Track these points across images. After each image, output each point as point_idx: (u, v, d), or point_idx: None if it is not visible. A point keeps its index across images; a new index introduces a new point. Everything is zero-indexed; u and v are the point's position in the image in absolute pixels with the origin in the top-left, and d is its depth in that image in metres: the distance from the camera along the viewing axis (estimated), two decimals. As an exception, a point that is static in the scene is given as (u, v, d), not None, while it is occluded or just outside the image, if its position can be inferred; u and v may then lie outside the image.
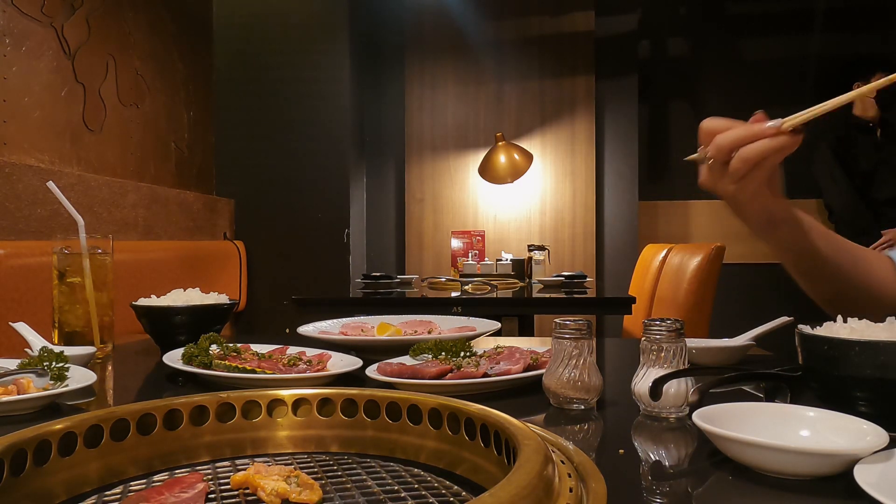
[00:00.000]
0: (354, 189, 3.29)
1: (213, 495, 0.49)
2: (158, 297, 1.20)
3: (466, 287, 2.42)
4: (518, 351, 0.90)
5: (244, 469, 0.52)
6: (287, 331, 1.29)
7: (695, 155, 0.83)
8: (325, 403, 0.61)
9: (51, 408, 0.77)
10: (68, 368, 0.83)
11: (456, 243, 3.22)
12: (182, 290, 1.22)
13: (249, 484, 0.49)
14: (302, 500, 0.47)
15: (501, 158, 3.39)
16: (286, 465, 0.55)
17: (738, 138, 0.76)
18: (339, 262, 3.17)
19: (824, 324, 0.69)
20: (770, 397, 0.72)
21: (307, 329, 1.17)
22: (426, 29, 3.67)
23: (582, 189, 3.55)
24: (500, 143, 3.40)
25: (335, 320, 1.28)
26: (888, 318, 0.67)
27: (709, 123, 0.80)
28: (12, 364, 0.85)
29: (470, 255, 3.17)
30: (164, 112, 2.69)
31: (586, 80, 3.55)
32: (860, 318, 0.68)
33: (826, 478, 0.51)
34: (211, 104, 3.10)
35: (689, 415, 0.60)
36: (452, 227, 3.59)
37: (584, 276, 2.71)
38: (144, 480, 0.53)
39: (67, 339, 1.12)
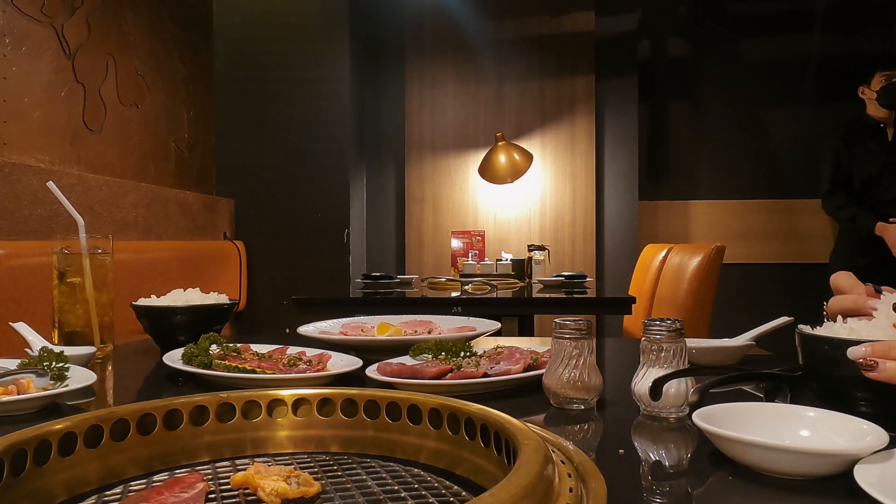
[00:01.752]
0: (354, 189, 3.29)
1: (213, 495, 0.49)
2: (158, 297, 1.20)
3: (466, 287, 2.41)
4: (518, 351, 0.90)
5: (244, 469, 0.52)
6: (287, 331, 1.29)
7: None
8: (325, 403, 0.61)
9: (51, 408, 0.77)
10: (68, 368, 0.84)
11: (456, 243, 3.22)
12: (182, 290, 1.22)
13: (249, 484, 0.49)
14: (300, 494, 0.47)
15: (501, 158, 3.39)
16: (286, 465, 0.55)
17: (843, 309, 0.79)
18: (339, 262, 3.17)
19: (824, 324, 0.69)
20: (770, 397, 0.72)
21: (307, 329, 1.17)
22: (426, 29, 3.66)
23: (582, 189, 3.55)
24: (500, 143, 3.40)
25: (335, 320, 1.28)
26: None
27: (835, 280, 0.82)
28: (12, 364, 0.86)
29: (470, 255, 3.17)
30: (164, 112, 2.69)
31: (586, 80, 3.55)
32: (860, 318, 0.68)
33: (826, 478, 0.51)
34: (211, 104, 3.10)
35: (689, 415, 0.60)
36: (452, 227, 3.59)
37: (584, 276, 2.71)
38: (144, 480, 0.53)
39: (67, 339, 1.12)
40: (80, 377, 0.83)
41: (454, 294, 2.33)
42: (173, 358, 0.96)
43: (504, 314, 2.23)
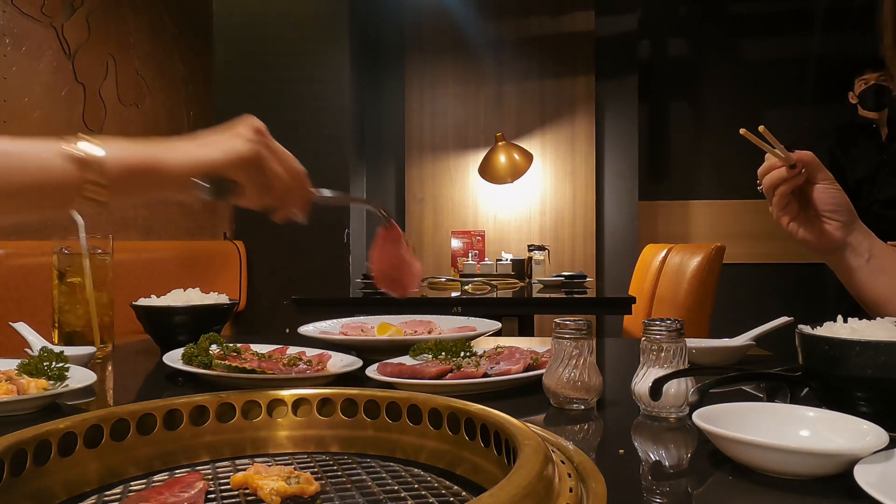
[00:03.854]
0: (354, 189, 3.28)
1: (212, 495, 0.49)
2: (158, 297, 1.20)
3: (466, 287, 2.41)
4: (518, 351, 0.90)
5: (244, 469, 0.52)
6: (287, 331, 1.29)
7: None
8: (325, 403, 0.61)
9: (51, 408, 0.77)
10: (68, 368, 0.83)
11: (456, 243, 3.22)
12: (182, 290, 1.22)
13: (249, 484, 0.49)
14: (298, 491, 0.47)
15: (501, 158, 3.39)
16: (286, 465, 0.55)
17: (762, 169, 0.97)
18: (339, 262, 3.16)
19: (824, 324, 0.69)
20: (770, 397, 0.73)
21: (307, 329, 1.17)
22: (426, 29, 3.66)
23: (582, 189, 3.55)
24: (500, 143, 3.40)
25: (335, 320, 1.28)
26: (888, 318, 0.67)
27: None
28: (12, 364, 0.85)
29: (470, 255, 3.17)
30: (164, 112, 2.69)
31: (586, 80, 3.54)
32: (860, 318, 0.68)
33: (826, 478, 0.51)
34: (211, 104, 3.10)
35: (689, 415, 0.60)
36: (452, 227, 3.59)
37: (584, 276, 2.71)
38: (144, 480, 0.53)
39: (67, 339, 1.12)
40: (80, 377, 0.83)
41: (454, 294, 2.33)
42: (173, 358, 0.96)
43: (504, 314, 2.23)
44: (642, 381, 0.71)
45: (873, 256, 0.93)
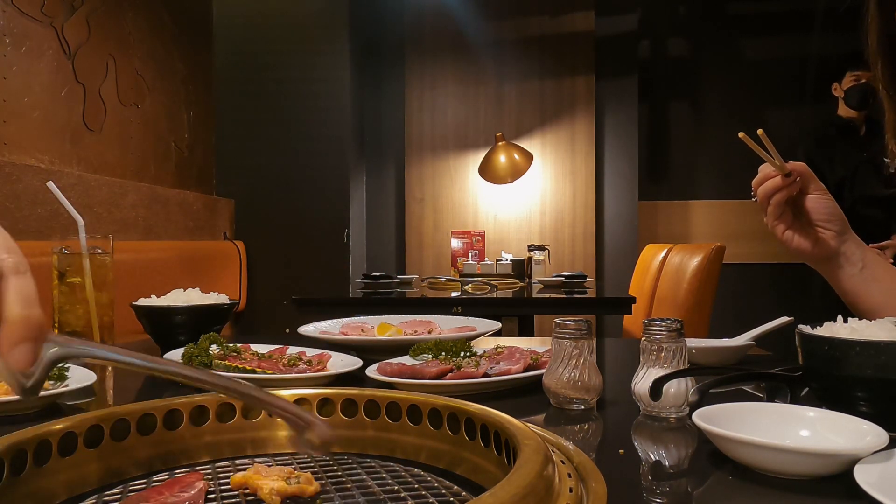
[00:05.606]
0: (354, 189, 3.29)
1: (212, 495, 0.49)
2: (158, 297, 1.20)
3: (466, 287, 2.41)
4: (518, 351, 0.90)
5: (244, 469, 0.52)
6: (287, 331, 1.29)
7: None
8: (325, 403, 0.61)
9: (51, 408, 0.77)
10: (68, 368, 0.83)
11: (456, 243, 3.22)
12: (182, 290, 1.21)
13: (249, 484, 0.49)
14: (298, 491, 0.47)
15: (501, 158, 3.39)
16: (286, 465, 0.55)
17: (757, 180, 0.98)
18: (339, 262, 3.17)
19: (824, 324, 0.69)
20: (770, 397, 0.72)
21: (307, 329, 1.17)
22: (426, 29, 3.67)
23: (582, 189, 3.55)
24: (500, 143, 3.40)
25: (335, 320, 1.28)
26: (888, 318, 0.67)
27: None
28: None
29: (470, 255, 3.17)
30: (164, 112, 2.69)
31: (586, 80, 3.55)
32: (860, 319, 0.68)
33: (826, 478, 0.51)
34: (211, 104, 3.10)
35: (689, 415, 0.60)
36: (452, 227, 3.59)
37: (584, 276, 2.71)
38: (144, 480, 0.53)
39: (67, 339, 1.12)
40: (80, 377, 0.83)
41: (454, 294, 2.33)
42: (173, 358, 0.96)
43: (504, 314, 2.23)
44: (642, 381, 0.71)
45: (866, 266, 0.94)
